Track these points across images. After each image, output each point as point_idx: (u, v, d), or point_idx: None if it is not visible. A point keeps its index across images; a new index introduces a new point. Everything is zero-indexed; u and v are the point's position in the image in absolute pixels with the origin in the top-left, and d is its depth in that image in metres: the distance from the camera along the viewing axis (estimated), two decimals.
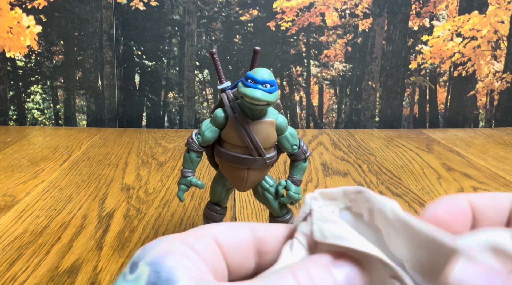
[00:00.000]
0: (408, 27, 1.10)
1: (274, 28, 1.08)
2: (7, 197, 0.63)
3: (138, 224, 0.56)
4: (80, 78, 1.08)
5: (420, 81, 1.13)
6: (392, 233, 0.19)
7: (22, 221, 0.56)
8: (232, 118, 0.41)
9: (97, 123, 1.09)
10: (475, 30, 1.10)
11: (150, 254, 0.19)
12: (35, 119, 1.10)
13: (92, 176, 0.73)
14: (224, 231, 0.21)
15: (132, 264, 0.19)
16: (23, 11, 1.04)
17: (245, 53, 1.08)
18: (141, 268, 0.19)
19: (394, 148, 0.92)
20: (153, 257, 0.19)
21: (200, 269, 0.19)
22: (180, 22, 1.07)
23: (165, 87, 1.10)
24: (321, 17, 1.09)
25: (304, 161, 0.45)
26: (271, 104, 0.40)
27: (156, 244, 0.19)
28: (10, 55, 1.06)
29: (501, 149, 0.92)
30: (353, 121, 1.13)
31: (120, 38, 1.07)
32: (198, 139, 0.43)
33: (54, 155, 0.84)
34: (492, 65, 1.12)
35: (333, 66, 1.11)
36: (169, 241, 0.20)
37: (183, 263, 0.19)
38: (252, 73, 0.39)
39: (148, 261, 0.19)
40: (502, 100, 1.14)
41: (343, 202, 0.21)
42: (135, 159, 0.83)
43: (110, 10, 1.05)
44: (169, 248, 0.19)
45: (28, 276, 0.44)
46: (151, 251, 0.19)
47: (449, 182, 0.71)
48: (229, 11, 1.08)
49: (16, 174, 0.73)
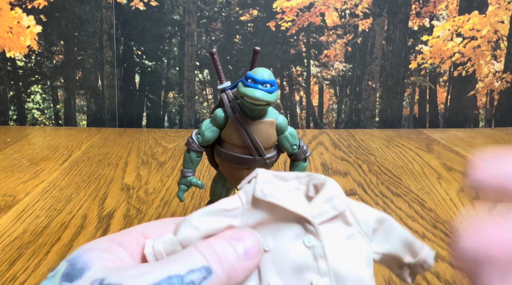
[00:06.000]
0: (408, 27, 1.10)
1: (274, 28, 1.08)
2: (7, 197, 0.63)
3: (138, 224, 0.56)
4: (80, 78, 1.08)
5: (420, 81, 1.13)
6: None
7: (22, 221, 0.56)
8: (232, 118, 0.41)
9: (97, 123, 1.09)
10: (475, 30, 1.10)
11: (73, 253, 0.20)
12: (35, 119, 1.10)
13: (92, 176, 0.73)
14: (151, 226, 0.23)
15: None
16: (23, 11, 1.04)
17: (245, 53, 1.08)
18: (61, 265, 0.20)
19: (394, 148, 0.92)
20: (74, 254, 0.20)
21: (124, 260, 0.21)
22: (180, 22, 1.07)
23: (165, 87, 1.10)
24: (321, 17, 1.09)
25: (304, 161, 0.45)
26: (271, 104, 0.40)
27: (84, 245, 0.21)
28: (10, 55, 1.06)
29: None
30: (353, 121, 1.13)
31: (120, 38, 1.07)
32: (198, 139, 0.43)
33: (54, 155, 0.84)
34: (492, 65, 1.12)
35: (333, 66, 1.11)
36: (96, 241, 0.22)
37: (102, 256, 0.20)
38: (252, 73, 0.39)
39: (68, 258, 0.20)
40: (502, 100, 1.14)
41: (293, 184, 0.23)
42: (135, 159, 0.83)
43: (110, 10, 1.05)
44: (92, 246, 0.21)
45: (28, 276, 0.44)
46: (75, 251, 0.21)
47: (449, 182, 0.71)
48: (229, 11, 1.08)
49: (16, 174, 0.73)
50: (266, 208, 0.21)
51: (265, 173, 0.23)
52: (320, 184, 0.22)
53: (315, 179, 0.23)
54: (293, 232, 0.21)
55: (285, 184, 0.23)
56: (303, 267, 0.20)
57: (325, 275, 0.20)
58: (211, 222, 0.21)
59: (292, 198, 0.22)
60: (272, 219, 0.21)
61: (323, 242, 0.20)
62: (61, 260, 0.48)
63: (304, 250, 0.21)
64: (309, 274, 0.20)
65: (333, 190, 0.22)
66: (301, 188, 0.23)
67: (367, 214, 0.23)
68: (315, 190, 0.23)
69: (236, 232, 0.21)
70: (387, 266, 0.23)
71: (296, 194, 0.23)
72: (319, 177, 0.23)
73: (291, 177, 0.23)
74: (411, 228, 0.54)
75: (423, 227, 0.55)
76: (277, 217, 0.21)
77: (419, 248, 0.23)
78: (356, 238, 0.22)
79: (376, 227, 0.23)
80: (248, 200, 0.22)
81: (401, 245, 0.23)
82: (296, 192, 0.23)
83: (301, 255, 0.20)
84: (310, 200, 0.22)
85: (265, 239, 0.21)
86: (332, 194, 0.22)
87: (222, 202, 0.22)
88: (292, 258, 0.20)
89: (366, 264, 0.21)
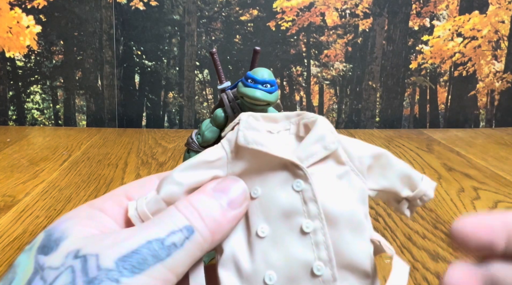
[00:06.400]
0: (408, 27, 1.10)
1: (274, 28, 1.08)
2: (7, 197, 0.63)
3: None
4: (80, 78, 1.08)
5: (420, 81, 1.12)
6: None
7: (21, 221, 0.56)
8: (232, 118, 0.41)
9: (97, 123, 1.09)
10: (475, 30, 1.10)
11: (53, 223, 0.20)
12: (35, 119, 1.09)
13: (92, 176, 0.72)
14: (133, 186, 0.22)
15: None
16: (22, 11, 1.04)
17: (245, 53, 1.08)
18: (38, 236, 0.19)
19: (395, 148, 0.92)
20: (53, 224, 0.20)
21: (107, 226, 0.20)
22: (180, 22, 1.07)
23: (165, 87, 1.10)
24: (321, 17, 1.09)
25: None
26: (271, 104, 0.40)
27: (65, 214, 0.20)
28: (10, 55, 1.06)
29: (501, 149, 0.92)
30: (353, 121, 1.13)
31: (120, 38, 1.07)
32: (198, 139, 0.43)
33: (53, 155, 0.84)
34: (493, 65, 1.12)
35: (333, 66, 1.11)
36: (77, 209, 0.21)
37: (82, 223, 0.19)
38: (252, 73, 0.39)
39: (46, 229, 0.19)
40: (502, 100, 1.14)
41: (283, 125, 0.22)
42: (135, 159, 0.82)
43: (110, 10, 1.05)
44: (72, 214, 0.20)
45: None
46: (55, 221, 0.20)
47: (450, 182, 0.71)
48: (229, 11, 1.07)
49: (16, 174, 0.73)
50: (251, 155, 0.21)
51: (249, 117, 0.22)
52: (311, 123, 0.21)
53: (306, 118, 0.22)
54: (281, 177, 0.20)
55: (275, 125, 0.22)
56: (292, 211, 0.20)
57: (315, 218, 0.19)
58: (194, 175, 0.20)
59: (280, 140, 0.22)
60: (258, 166, 0.21)
61: (313, 185, 0.20)
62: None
63: (293, 194, 0.20)
64: (299, 218, 0.19)
65: (324, 128, 0.21)
66: (292, 128, 0.22)
67: (362, 150, 0.22)
68: (306, 130, 0.22)
69: (219, 182, 0.20)
70: (384, 200, 0.23)
71: (286, 135, 0.22)
72: (309, 116, 0.22)
73: (281, 118, 0.22)
74: (412, 229, 0.54)
75: (424, 228, 0.54)
76: (264, 163, 0.20)
77: (418, 180, 0.22)
78: (349, 176, 0.21)
79: (371, 163, 0.22)
80: (232, 148, 0.21)
81: (398, 179, 0.22)
82: (286, 133, 0.22)
83: (289, 200, 0.20)
84: (301, 140, 0.21)
85: (253, 186, 0.20)
86: (323, 133, 0.21)
87: (204, 153, 0.21)
88: (280, 203, 0.20)
89: (359, 202, 0.20)
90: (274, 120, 0.22)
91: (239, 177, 0.21)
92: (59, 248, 0.18)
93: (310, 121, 0.21)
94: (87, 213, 0.20)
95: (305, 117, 0.22)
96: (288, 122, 0.22)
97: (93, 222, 0.20)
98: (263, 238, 0.20)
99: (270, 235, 0.20)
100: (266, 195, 0.20)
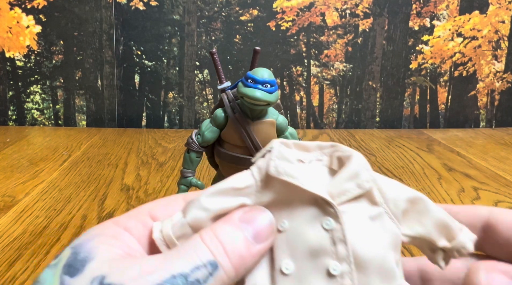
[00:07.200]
0: (408, 27, 1.10)
1: (274, 28, 1.08)
2: (7, 197, 0.63)
3: None
4: (79, 78, 1.08)
5: (420, 81, 1.12)
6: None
7: (21, 221, 0.56)
8: (232, 118, 0.41)
9: (97, 123, 1.09)
10: (475, 30, 1.10)
11: (79, 239, 0.19)
12: (35, 119, 1.09)
13: (92, 176, 0.72)
14: (158, 205, 0.22)
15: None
16: (22, 11, 1.04)
17: (245, 53, 1.08)
18: (65, 252, 0.19)
19: (395, 148, 0.92)
20: (79, 240, 0.19)
21: (131, 246, 0.19)
22: (180, 22, 1.07)
23: (165, 87, 1.09)
24: (321, 17, 1.09)
25: None
26: (271, 104, 0.40)
27: (90, 229, 0.20)
28: (10, 55, 1.06)
29: (501, 149, 0.92)
30: (353, 121, 1.13)
31: (120, 38, 1.06)
32: (198, 139, 0.43)
33: (53, 155, 0.84)
34: (493, 65, 1.12)
35: (333, 66, 1.11)
36: (102, 225, 0.20)
37: (109, 243, 0.19)
38: (252, 73, 0.39)
39: (73, 245, 0.19)
40: (502, 100, 1.14)
41: (315, 155, 0.21)
42: (134, 159, 0.82)
43: (109, 10, 1.05)
44: (98, 231, 0.20)
45: (28, 277, 0.44)
46: (81, 237, 0.19)
47: (450, 183, 0.71)
48: (229, 11, 1.07)
49: (16, 174, 0.73)
50: (282, 186, 0.20)
51: (282, 145, 0.21)
52: (346, 157, 0.20)
53: (340, 151, 0.21)
54: (310, 212, 0.19)
55: (307, 155, 0.21)
56: (320, 251, 0.19)
57: (343, 261, 0.19)
58: (222, 202, 0.20)
59: (312, 172, 0.21)
60: (287, 198, 0.20)
61: (343, 225, 0.19)
62: None
63: (321, 233, 0.19)
64: (326, 259, 0.19)
65: (359, 165, 0.20)
66: (324, 159, 0.21)
67: (398, 192, 0.20)
68: (339, 163, 0.21)
69: (246, 212, 0.20)
70: (418, 247, 0.21)
71: (318, 166, 0.21)
72: (344, 149, 0.21)
73: (314, 147, 0.21)
74: None
75: None
76: (294, 196, 0.20)
77: (457, 230, 0.20)
78: (383, 219, 0.20)
79: (407, 207, 0.20)
80: (262, 177, 0.20)
81: (435, 228, 0.20)
82: (318, 164, 0.21)
83: (318, 238, 0.19)
84: (333, 173, 0.21)
85: (280, 219, 0.20)
86: (357, 170, 0.20)
87: (233, 179, 0.20)
88: (308, 240, 0.19)
89: (391, 248, 0.19)
90: (306, 149, 0.22)
91: (266, 208, 0.20)
92: (84, 270, 0.18)
93: (345, 156, 0.20)
94: (112, 231, 0.20)
95: (339, 150, 0.21)
96: (321, 152, 0.21)
97: (118, 242, 0.19)
98: (288, 275, 0.19)
99: (294, 273, 0.19)
100: (293, 230, 0.19)
